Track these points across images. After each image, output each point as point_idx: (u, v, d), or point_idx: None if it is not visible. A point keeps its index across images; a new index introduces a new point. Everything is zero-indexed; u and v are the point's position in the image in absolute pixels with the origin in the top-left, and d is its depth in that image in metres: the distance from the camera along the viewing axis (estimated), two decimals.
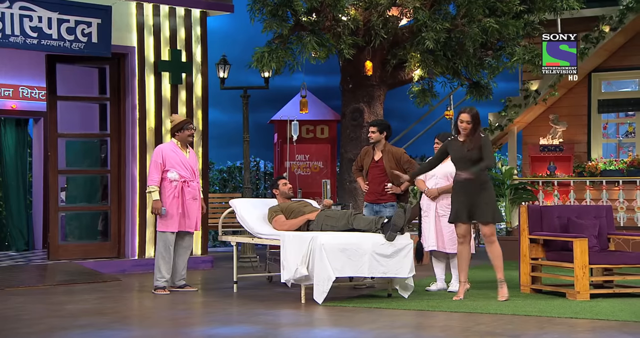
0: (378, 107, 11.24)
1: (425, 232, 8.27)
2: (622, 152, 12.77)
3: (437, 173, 8.20)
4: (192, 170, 8.24)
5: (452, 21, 10.42)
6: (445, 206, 8.11)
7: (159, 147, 8.34)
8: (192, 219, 8.20)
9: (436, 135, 8.48)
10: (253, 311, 6.98)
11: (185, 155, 8.21)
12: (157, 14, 10.45)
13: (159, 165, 8.05)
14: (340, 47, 10.15)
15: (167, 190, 8.05)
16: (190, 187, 8.18)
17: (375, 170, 8.42)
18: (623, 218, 11.46)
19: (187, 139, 8.26)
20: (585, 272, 7.58)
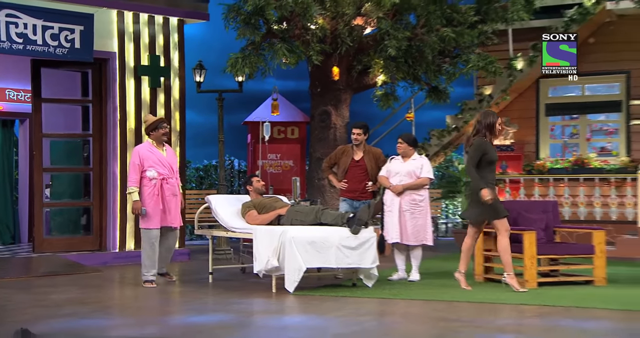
0: (344, 109, 11.26)
1: (388, 225, 8.28)
2: (568, 152, 12.87)
3: (401, 171, 8.22)
4: (170, 168, 8.04)
5: (412, 30, 10.46)
6: (409, 202, 8.14)
7: (135, 149, 8.13)
8: (172, 215, 8.03)
9: (400, 136, 8.49)
10: (227, 300, 6.96)
11: (162, 154, 8.02)
12: (136, 22, 10.37)
13: (137, 166, 7.86)
14: (309, 54, 10.15)
15: (147, 188, 7.87)
16: (169, 183, 7.99)
17: (357, 169, 8.38)
18: (568, 213, 11.60)
19: (162, 138, 8.04)
20: (534, 262, 7.67)
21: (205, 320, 6.05)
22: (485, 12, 10.68)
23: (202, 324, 5.90)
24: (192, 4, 10.68)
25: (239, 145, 15.73)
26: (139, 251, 10.14)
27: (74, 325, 5.80)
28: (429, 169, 8.30)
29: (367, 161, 8.37)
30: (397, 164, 8.33)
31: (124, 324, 5.94)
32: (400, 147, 8.32)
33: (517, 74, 12.16)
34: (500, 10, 10.64)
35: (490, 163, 7.57)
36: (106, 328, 5.71)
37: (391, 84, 11.17)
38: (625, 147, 12.26)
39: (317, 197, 10.84)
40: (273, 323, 5.95)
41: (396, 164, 8.33)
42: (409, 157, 8.30)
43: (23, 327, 4.21)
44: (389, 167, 8.35)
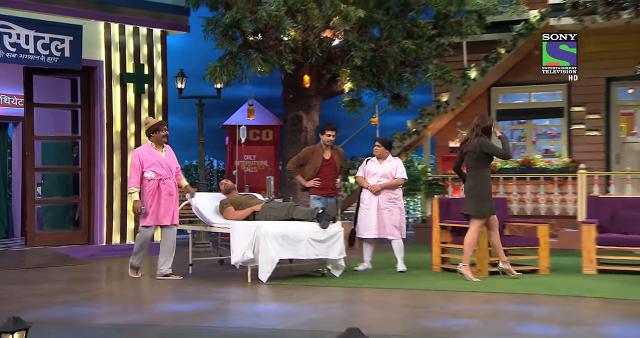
0: (314, 114, 11.27)
1: (364, 221, 8.19)
2: (516, 153, 12.97)
3: (378, 171, 8.18)
4: (169, 168, 7.68)
5: (376, 42, 10.50)
6: (386, 200, 8.10)
7: (135, 151, 7.83)
8: (168, 214, 7.63)
9: (377, 139, 8.44)
10: (206, 289, 6.93)
11: (162, 155, 7.68)
12: (122, 33, 10.28)
13: (137, 167, 7.54)
14: (282, 63, 10.14)
15: (145, 188, 7.56)
16: (166, 184, 7.62)
17: (328, 167, 8.24)
18: (516, 208, 11.69)
19: (162, 140, 7.70)
20: (485, 253, 7.74)
21: (186, 308, 6.02)
22: (442, 27, 10.75)
23: (183, 311, 5.88)
24: (174, 16, 10.62)
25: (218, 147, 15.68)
26: (124, 244, 10.17)
27: (64, 313, 5.74)
28: (402, 170, 8.30)
29: (336, 159, 8.33)
30: (373, 165, 8.29)
31: (110, 312, 5.90)
32: (378, 150, 8.28)
33: (471, 83, 12.26)
34: (456, 25, 10.72)
35: (487, 161, 7.64)
36: (94, 316, 5.67)
37: (357, 91, 11.20)
38: (566, 149, 12.42)
39: (290, 194, 10.83)
40: (248, 310, 5.95)
41: (372, 165, 8.30)
42: (384, 159, 8.29)
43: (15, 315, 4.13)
44: (366, 168, 8.30)
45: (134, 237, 10.26)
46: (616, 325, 5.23)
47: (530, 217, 11.41)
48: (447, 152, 12.91)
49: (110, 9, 10.03)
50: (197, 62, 12.27)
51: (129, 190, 7.71)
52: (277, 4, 9.53)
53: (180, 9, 10.59)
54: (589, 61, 12.01)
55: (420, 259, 8.59)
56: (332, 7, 9.83)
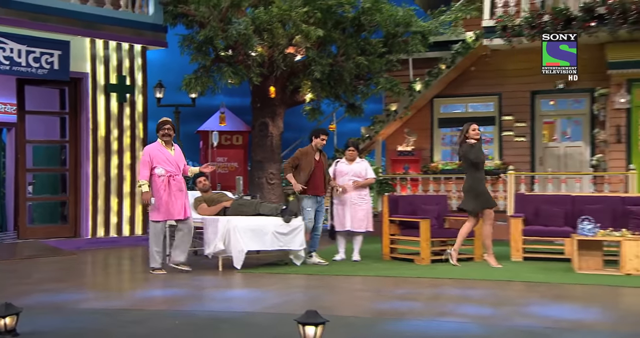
0: (279, 121, 11.24)
1: (340, 217, 8.10)
2: (455, 156, 13.06)
3: (350, 172, 8.11)
4: (177, 165, 7.25)
5: (334, 58, 10.53)
6: (357, 196, 8.04)
7: (146, 148, 7.38)
8: (180, 208, 7.22)
9: (351, 143, 8.30)
10: (182, 277, 6.87)
11: (170, 153, 7.24)
12: (106, 48, 10.12)
13: (147, 162, 7.12)
14: (251, 76, 10.10)
15: (156, 184, 7.14)
16: (176, 180, 7.20)
17: (318, 168, 7.91)
18: (455, 204, 11.77)
19: (163, 138, 7.24)
20: (428, 244, 7.83)
21: (164, 294, 5.97)
22: (391, 45, 10.82)
23: (162, 297, 5.82)
24: (153, 33, 10.48)
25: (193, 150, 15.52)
26: (107, 237, 10.03)
27: (52, 299, 5.63)
28: (371, 170, 8.29)
29: (324, 161, 8.05)
30: (343, 166, 8.21)
31: (95, 298, 5.80)
32: (353, 154, 8.21)
33: (416, 94, 12.37)
34: (403, 44, 10.80)
35: (474, 163, 7.58)
36: (79, 302, 5.57)
37: (317, 101, 11.21)
38: (498, 152, 12.60)
39: (257, 192, 10.80)
40: (220, 296, 5.92)
41: (343, 166, 8.21)
42: (353, 161, 8.27)
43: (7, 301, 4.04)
44: (336, 169, 8.21)
45: (117, 231, 10.14)
46: (538, 305, 5.35)
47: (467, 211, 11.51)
48: (395, 155, 12.96)
49: (96, 27, 9.87)
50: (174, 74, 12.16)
51: (137, 183, 7.31)
52: (246, 24, 9.49)
53: (159, 27, 10.46)
54: (517, 76, 12.26)
55: (372, 249, 8.64)
56: (294, 27, 9.83)
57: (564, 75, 11.79)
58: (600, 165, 11.36)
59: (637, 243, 6.85)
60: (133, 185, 10.35)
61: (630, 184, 10.35)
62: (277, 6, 9.73)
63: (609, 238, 7.06)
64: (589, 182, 11.22)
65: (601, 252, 7.13)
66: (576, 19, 10.51)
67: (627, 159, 10.88)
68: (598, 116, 11.59)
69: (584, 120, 12.09)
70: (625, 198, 8.36)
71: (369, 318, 4.90)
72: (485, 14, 11.30)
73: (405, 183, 12.35)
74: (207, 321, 4.80)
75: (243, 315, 5.02)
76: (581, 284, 6.34)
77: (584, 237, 7.06)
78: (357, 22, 10.49)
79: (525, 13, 10.96)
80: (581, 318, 4.87)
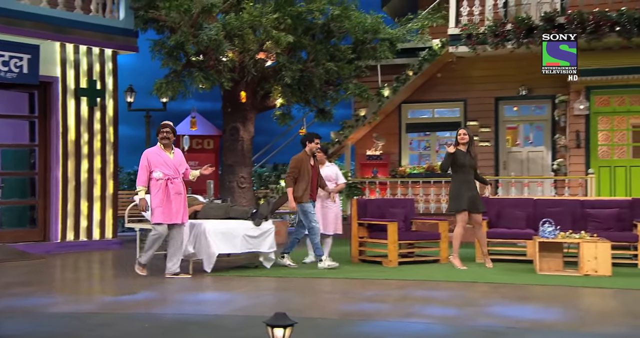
0: (250, 126, 11.21)
1: None
2: (422, 161, 13.21)
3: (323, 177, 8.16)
4: (176, 169, 7.07)
5: (304, 64, 10.55)
6: (327, 200, 8.02)
7: (144, 152, 7.15)
8: (179, 212, 7.02)
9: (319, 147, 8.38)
10: (152, 280, 6.80)
11: (169, 156, 7.08)
12: (77, 52, 9.99)
13: (145, 167, 6.99)
14: (221, 81, 10.06)
15: (154, 187, 6.98)
16: (174, 183, 7.02)
17: (314, 174, 7.86)
18: (422, 207, 11.89)
19: (162, 141, 7.07)
20: (396, 246, 7.89)
21: (134, 297, 5.90)
22: (360, 52, 10.89)
23: (132, 300, 5.76)
24: (124, 38, 10.37)
25: None
26: (77, 241, 9.88)
27: (20, 303, 5.53)
28: (341, 175, 8.30)
29: (317, 165, 8.00)
30: None
31: (64, 302, 5.71)
32: (319, 156, 8.27)
33: (385, 100, 12.45)
34: (371, 51, 10.88)
35: (459, 166, 7.60)
36: (48, 306, 5.48)
37: (287, 106, 11.21)
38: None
39: (228, 196, 10.75)
40: (190, 299, 5.88)
41: None
42: (323, 164, 8.28)
43: None
44: None
45: (87, 234, 9.99)
46: (501, 306, 5.44)
47: (433, 214, 11.62)
48: (364, 159, 13.02)
49: (66, 31, 9.73)
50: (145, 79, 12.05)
51: (137, 189, 7.12)
52: (217, 29, 9.46)
53: (130, 32, 10.37)
54: (481, 83, 12.45)
55: (341, 252, 8.67)
56: (265, 33, 9.83)
57: (525, 80, 12.15)
58: (561, 169, 11.60)
59: (595, 245, 7.01)
60: (104, 189, 10.22)
61: (589, 188, 10.59)
62: (248, 12, 9.73)
63: (568, 240, 7.21)
64: (550, 185, 11.44)
65: (561, 254, 7.28)
66: (537, 28, 10.72)
67: (586, 164, 11.13)
68: (559, 122, 11.84)
69: (545, 125, 12.33)
70: (584, 201, 8.55)
71: (337, 320, 4.92)
72: (450, 22, 11.45)
73: (374, 187, 12.41)
74: (176, 324, 4.77)
75: (212, 317, 5.00)
76: (542, 285, 6.46)
77: (545, 239, 7.20)
78: (327, 29, 10.54)
79: (489, 22, 11.14)
80: (542, 318, 4.97)
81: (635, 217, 8.09)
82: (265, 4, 10.05)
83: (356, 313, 5.12)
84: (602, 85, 10.98)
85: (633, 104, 11.19)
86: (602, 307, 5.57)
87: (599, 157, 11.28)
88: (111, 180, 10.34)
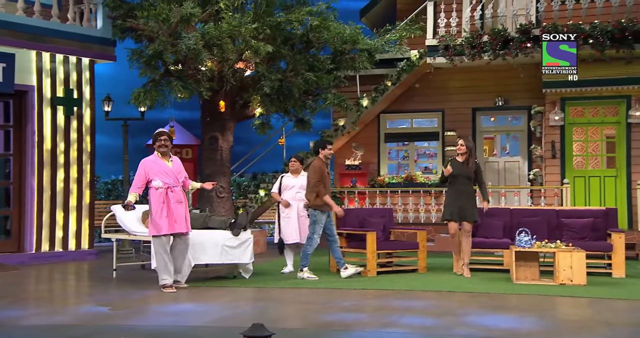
0: (229, 135, 11.16)
1: (287, 229, 8.08)
2: (401, 170, 13.23)
3: (296, 185, 8.11)
4: (175, 177, 6.97)
5: (283, 74, 10.55)
6: (304, 210, 7.97)
7: (142, 161, 7.02)
8: (181, 221, 6.89)
9: (294, 156, 8.38)
10: (128, 291, 6.72)
11: (168, 164, 6.97)
12: (53, 61, 9.89)
13: (141, 176, 6.87)
14: (200, 90, 10.01)
15: (154, 196, 6.85)
16: (174, 192, 6.89)
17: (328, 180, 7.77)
18: (400, 217, 11.96)
19: (160, 149, 7.00)
20: (374, 256, 7.90)
21: (110, 309, 5.81)
22: (339, 62, 10.92)
23: (107, 312, 5.67)
24: (101, 47, 10.29)
25: None
26: (52, 252, 9.72)
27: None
28: None
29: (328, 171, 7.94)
30: (289, 179, 8.22)
31: (36, 314, 5.61)
32: (295, 165, 8.24)
33: (363, 110, 12.48)
34: (350, 61, 10.92)
35: (453, 176, 7.76)
36: (20, 318, 5.37)
37: (267, 115, 11.19)
38: (441, 167, 12.82)
39: (206, 206, 10.68)
40: (167, 310, 5.81)
41: (289, 179, 8.22)
42: (299, 173, 8.27)
43: None
44: (283, 183, 8.19)
45: (63, 245, 9.84)
46: (477, 315, 5.47)
47: (412, 224, 11.68)
48: (343, 169, 13.03)
49: (42, 40, 9.62)
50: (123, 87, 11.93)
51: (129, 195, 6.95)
52: (196, 39, 9.43)
53: (107, 41, 10.29)
54: (459, 94, 12.56)
55: (320, 262, 8.65)
56: (244, 43, 9.82)
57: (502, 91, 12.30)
58: (537, 179, 11.73)
59: (570, 255, 7.09)
60: (80, 199, 10.10)
61: (564, 198, 10.71)
62: (227, 22, 9.72)
63: (544, 249, 7.28)
64: (527, 195, 11.55)
65: (537, 263, 7.34)
66: (513, 40, 10.88)
67: (561, 174, 11.26)
68: (535, 132, 11.98)
69: (521, 136, 12.47)
70: (559, 211, 8.64)
71: (316, 330, 4.90)
72: (428, 34, 11.56)
73: (353, 196, 12.42)
74: (152, 335, 4.71)
75: (188, 329, 4.95)
76: (518, 294, 6.51)
77: (521, 249, 7.26)
78: (306, 39, 10.57)
79: (466, 33, 11.27)
80: (517, 327, 5.00)
81: (609, 226, 8.20)
82: (244, 14, 10.06)
83: (335, 324, 5.10)
84: (577, 96, 11.15)
85: (607, 115, 11.38)
86: (577, 316, 5.63)
87: (574, 167, 11.43)
88: (88, 190, 10.22)
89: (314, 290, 6.82)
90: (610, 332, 4.85)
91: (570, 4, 10.71)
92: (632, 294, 6.51)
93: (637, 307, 5.90)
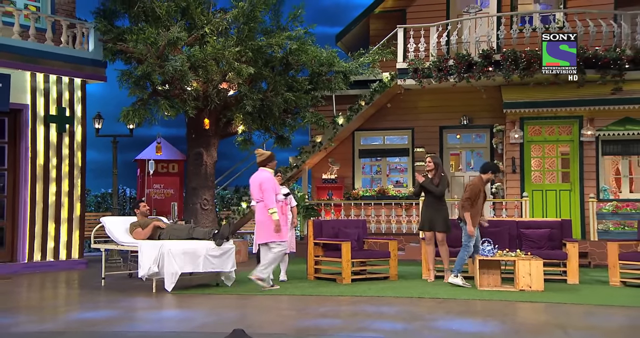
0: (213, 151, 11.14)
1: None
2: (374, 184, 13.31)
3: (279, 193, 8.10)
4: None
5: (264, 93, 10.59)
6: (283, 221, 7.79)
7: (269, 177, 7.28)
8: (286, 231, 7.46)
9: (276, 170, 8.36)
10: (116, 299, 6.63)
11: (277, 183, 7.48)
12: (47, 81, 9.80)
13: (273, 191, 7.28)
14: (186, 109, 10.00)
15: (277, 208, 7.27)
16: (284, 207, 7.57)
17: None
18: (373, 228, 12.01)
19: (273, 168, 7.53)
20: (349, 264, 7.90)
21: (98, 316, 5.72)
22: (316, 83, 11.00)
23: (95, 319, 5.58)
24: (92, 68, 10.22)
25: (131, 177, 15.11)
26: (44, 261, 9.58)
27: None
28: (293, 198, 8.31)
29: None
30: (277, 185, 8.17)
31: (27, 321, 5.50)
32: (279, 179, 8.23)
33: (339, 127, 12.54)
34: (327, 82, 11.01)
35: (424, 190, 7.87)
36: (11, 325, 5.26)
37: (248, 133, 11.20)
38: (411, 180, 12.92)
39: (191, 217, 10.62)
40: (153, 317, 5.74)
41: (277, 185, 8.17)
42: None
43: None
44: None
45: (54, 255, 9.68)
46: (445, 320, 5.49)
47: (384, 234, 11.73)
48: (320, 183, 13.05)
49: (36, 61, 9.54)
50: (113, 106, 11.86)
51: (270, 210, 7.13)
52: (182, 61, 9.43)
53: (99, 62, 10.23)
54: (427, 113, 12.70)
55: (298, 270, 8.62)
56: (227, 65, 9.84)
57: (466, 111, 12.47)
58: (499, 192, 11.87)
59: (529, 263, 7.17)
60: (71, 211, 9.97)
61: (523, 210, 10.85)
62: (212, 45, 9.74)
63: (505, 258, 7.35)
64: (490, 207, 11.67)
65: (499, 271, 7.41)
66: (476, 64, 11.06)
67: (521, 187, 11.42)
68: (497, 149, 12.15)
69: (485, 152, 12.62)
70: (519, 222, 8.74)
71: (293, 336, 4.87)
72: (399, 58, 11.70)
73: (329, 208, 12.45)
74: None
75: (172, 334, 4.89)
76: (482, 300, 6.55)
77: (485, 257, 7.32)
78: (285, 62, 10.63)
79: (434, 57, 11.43)
80: (481, 330, 5.03)
81: (564, 236, 8.32)
82: (227, 38, 10.10)
83: (312, 329, 5.08)
84: (534, 116, 11.35)
85: (562, 134, 11.59)
86: (535, 320, 5.68)
87: (532, 181, 11.59)
88: (78, 203, 10.09)
89: (293, 297, 6.79)
90: (565, 335, 4.91)
91: (527, 32, 10.94)
92: (585, 299, 6.60)
93: (590, 311, 5.99)
